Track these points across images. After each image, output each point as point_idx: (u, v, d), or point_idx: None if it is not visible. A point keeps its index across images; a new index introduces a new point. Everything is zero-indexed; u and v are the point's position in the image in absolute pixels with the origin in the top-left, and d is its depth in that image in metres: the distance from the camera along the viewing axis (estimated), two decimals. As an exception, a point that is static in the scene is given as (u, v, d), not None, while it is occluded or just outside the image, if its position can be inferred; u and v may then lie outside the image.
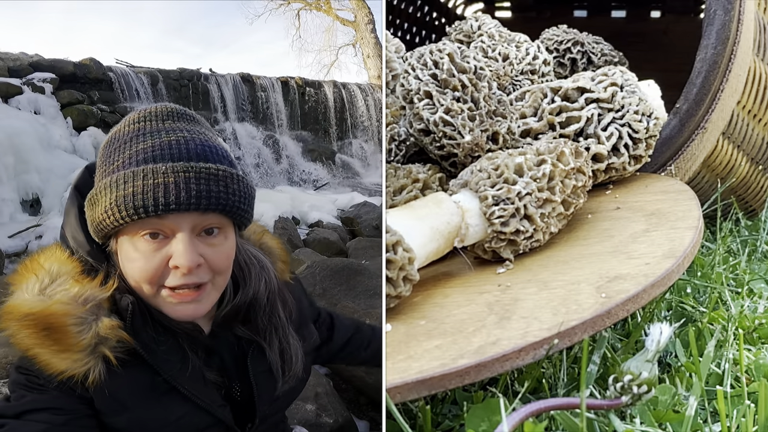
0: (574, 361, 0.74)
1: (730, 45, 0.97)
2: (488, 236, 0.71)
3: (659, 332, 0.58)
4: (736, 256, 1.10)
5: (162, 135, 0.57)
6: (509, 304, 0.61)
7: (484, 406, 0.59)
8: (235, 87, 7.09)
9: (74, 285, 0.57)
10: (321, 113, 7.78)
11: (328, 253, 3.60)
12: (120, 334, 0.56)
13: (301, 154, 7.35)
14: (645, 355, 0.59)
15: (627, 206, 0.80)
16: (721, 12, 0.97)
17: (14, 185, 4.79)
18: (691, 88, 0.97)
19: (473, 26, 1.24)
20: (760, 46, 1.10)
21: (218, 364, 0.64)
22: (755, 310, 0.89)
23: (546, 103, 0.86)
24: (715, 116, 0.99)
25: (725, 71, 0.97)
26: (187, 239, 0.56)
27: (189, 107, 0.64)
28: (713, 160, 1.09)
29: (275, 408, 0.69)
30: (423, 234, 0.67)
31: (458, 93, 0.83)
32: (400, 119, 0.93)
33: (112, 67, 6.29)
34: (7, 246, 3.91)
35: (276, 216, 4.33)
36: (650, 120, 0.85)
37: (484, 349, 0.52)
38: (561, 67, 1.29)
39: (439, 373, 0.51)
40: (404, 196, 0.82)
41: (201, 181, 0.55)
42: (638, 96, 0.85)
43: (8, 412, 0.56)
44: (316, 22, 9.19)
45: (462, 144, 0.82)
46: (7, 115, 5.02)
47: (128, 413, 0.58)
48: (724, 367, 0.72)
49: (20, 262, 0.62)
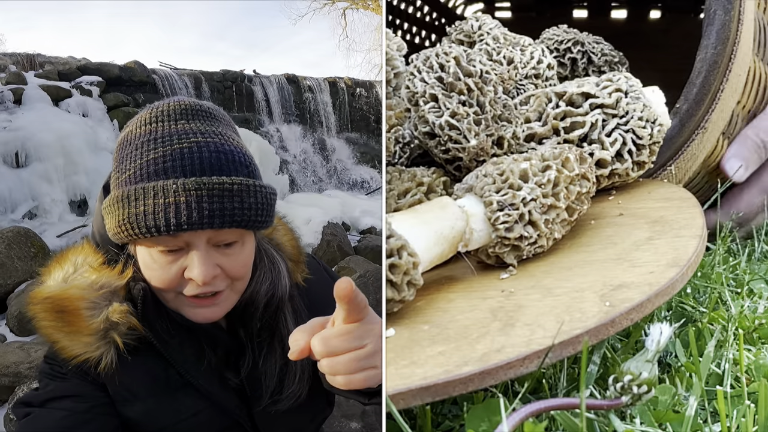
0: (574, 361, 0.74)
1: (730, 45, 0.97)
2: (492, 241, 0.71)
3: (659, 332, 0.58)
4: (736, 257, 1.11)
5: (174, 141, 0.56)
6: (513, 311, 0.61)
7: (484, 406, 0.59)
8: (281, 88, 7.07)
9: (92, 273, 0.59)
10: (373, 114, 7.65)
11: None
12: (130, 320, 0.57)
13: (351, 156, 7.24)
14: (645, 355, 0.58)
15: (630, 213, 0.80)
16: (721, 12, 0.97)
17: (64, 186, 4.98)
18: (691, 88, 0.97)
19: (474, 26, 1.24)
20: (760, 46, 1.10)
21: (234, 361, 0.64)
22: (755, 310, 0.89)
23: (551, 108, 0.86)
24: (716, 116, 0.99)
25: (725, 71, 0.97)
26: (202, 253, 0.56)
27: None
28: (713, 160, 1.08)
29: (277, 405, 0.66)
30: (427, 238, 0.67)
31: (464, 97, 0.82)
32: (404, 121, 0.93)
33: (156, 69, 6.42)
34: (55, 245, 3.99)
35: (325, 221, 4.26)
36: (654, 126, 0.85)
37: (489, 357, 0.52)
38: (561, 67, 1.29)
39: (443, 380, 0.50)
40: (408, 200, 0.81)
41: (214, 198, 0.53)
42: (643, 102, 0.85)
43: (34, 400, 0.59)
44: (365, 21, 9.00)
45: (467, 148, 0.81)
46: (59, 118, 5.21)
47: (139, 404, 0.59)
48: (724, 367, 0.72)
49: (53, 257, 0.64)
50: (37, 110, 5.20)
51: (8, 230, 3.28)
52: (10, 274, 3.02)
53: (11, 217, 4.57)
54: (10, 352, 2.21)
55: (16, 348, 2.25)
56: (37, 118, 5.05)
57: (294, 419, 0.69)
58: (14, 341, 2.51)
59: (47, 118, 5.09)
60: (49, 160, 4.88)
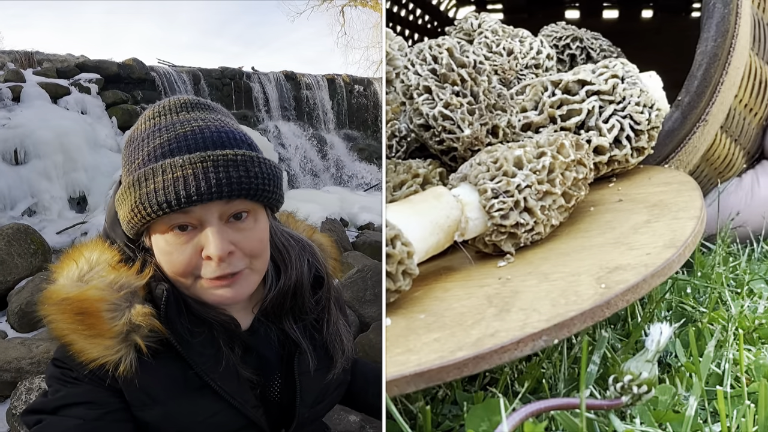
0: (574, 361, 0.74)
1: (729, 37, 0.98)
2: (488, 229, 0.71)
3: (659, 332, 0.58)
4: (736, 257, 1.10)
5: (177, 127, 0.57)
6: (509, 297, 0.61)
7: (484, 406, 0.59)
8: (279, 85, 7.03)
9: (111, 272, 0.57)
10: (371, 111, 7.60)
11: (379, 258, 3.52)
12: (152, 323, 0.56)
13: (349, 153, 7.21)
14: (645, 355, 0.58)
15: (629, 198, 0.80)
16: (720, 5, 0.98)
17: (63, 183, 4.95)
18: (692, 80, 0.97)
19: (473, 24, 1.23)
20: (756, 42, 1.11)
21: (255, 362, 0.63)
22: (755, 310, 0.89)
23: (547, 96, 0.86)
24: (716, 108, 1.00)
25: (725, 64, 0.98)
26: (216, 228, 0.56)
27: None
28: (712, 153, 1.09)
29: (315, 413, 0.67)
30: (423, 228, 0.67)
31: (457, 87, 0.82)
32: (400, 115, 0.93)
33: (155, 66, 6.39)
34: (55, 242, 3.97)
35: (323, 217, 4.25)
36: (652, 111, 0.85)
37: (483, 341, 0.52)
38: (560, 64, 1.29)
39: (438, 365, 0.50)
40: (404, 192, 0.81)
41: (220, 168, 0.55)
42: (639, 87, 0.84)
43: (45, 407, 0.57)
44: (363, 18, 9.02)
45: (461, 138, 0.81)
46: (57, 115, 5.19)
47: (158, 407, 0.57)
48: (724, 367, 0.72)
49: (64, 252, 0.62)
50: (36, 108, 5.18)
51: (8, 227, 3.24)
52: (10, 270, 3.01)
53: (10, 214, 4.56)
54: (12, 348, 2.19)
55: (18, 344, 2.23)
56: (35, 116, 5.04)
57: (331, 401, 0.70)
58: (15, 337, 2.49)
59: (46, 116, 5.08)
60: (48, 157, 4.87)
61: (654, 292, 0.90)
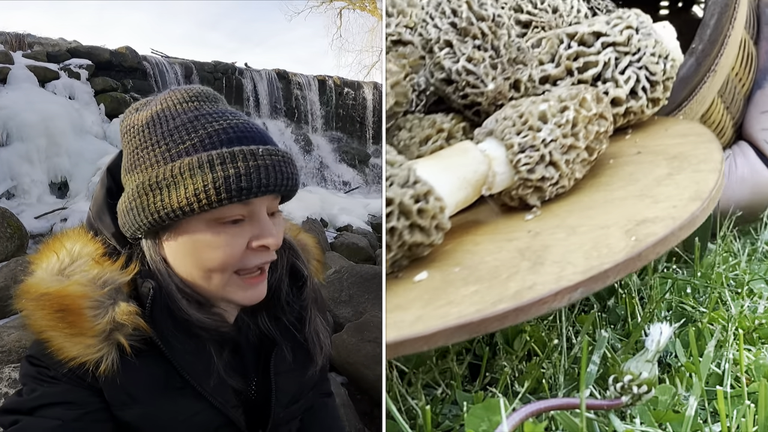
0: (574, 361, 0.74)
1: None
2: (515, 183, 0.71)
3: (659, 332, 0.59)
4: (736, 257, 1.11)
5: (229, 117, 0.57)
6: (540, 250, 0.61)
7: (484, 406, 0.60)
8: (270, 83, 7.02)
9: (94, 267, 0.55)
10: (358, 115, 7.63)
11: (356, 259, 3.52)
12: (137, 322, 0.54)
13: (333, 154, 7.21)
14: (645, 355, 0.59)
15: (648, 150, 0.80)
16: None
17: (45, 167, 4.84)
18: (705, 29, 1.02)
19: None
20: (747, 22, 1.16)
21: (238, 362, 0.62)
22: (755, 310, 0.89)
23: (563, 49, 0.84)
24: (723, 60, 1.05)
25: (731, 18, 1.04)
26: (267, 218, 0.57)
27: None
28: (709, 116, 1.13)
29: (290, 414, 0.65)
30: (451, 183, 0.68)
31: (479, 41, 0.81)
32: (419, 69, 0.90)
33: (148, 56, 6.28)
34: (33, 227, 3.91)
35: (304, 217, 4.34)
36: (667, 62, 0.84)
37: (521, 294, 0.53)
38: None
39: (479, 317, 0.51)
40: (429, 147, 0.81)
41: (281, 163, 0.56)
42: (654, 38, 0.83)
43: (21, 407, 0.54)
44: (359, 22, 8.85)
45: (486, 92, 0.81)
46: (44, 99, 5.10)
47: (139, 407, 0.55)
48: (724, 367, 0.72)
49: (43, 242, 0.59)
50: (23, 90, 5.08)
51: (-15, 209, 3.10)
52: (-16, 254, 2.83)
53: (-12, 196, 4.44)
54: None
55: (-12, 331, 2.06)
56: (21, 98, 4.93)
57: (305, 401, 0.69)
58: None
59: (32, 98, 4.99)
60: (31, 141, 4.77)
61: (654, 292, 0.91)
